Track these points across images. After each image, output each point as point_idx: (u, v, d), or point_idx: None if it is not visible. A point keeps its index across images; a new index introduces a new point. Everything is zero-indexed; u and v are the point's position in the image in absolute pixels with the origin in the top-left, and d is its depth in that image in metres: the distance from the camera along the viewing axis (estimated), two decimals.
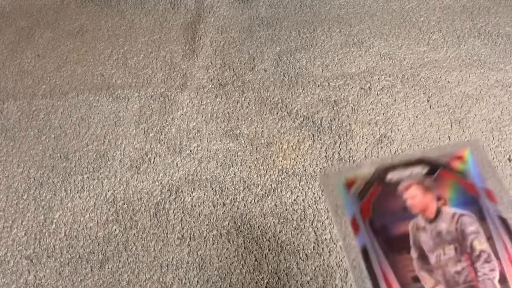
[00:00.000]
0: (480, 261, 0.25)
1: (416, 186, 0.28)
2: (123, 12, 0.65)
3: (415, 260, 0.25)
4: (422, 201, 0.27)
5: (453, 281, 0.24)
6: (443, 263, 0.25)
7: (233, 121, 0.50)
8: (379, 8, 0.64)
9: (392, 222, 0.27)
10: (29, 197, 0.47)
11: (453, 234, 0.26)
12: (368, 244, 0.26)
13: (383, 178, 0.28)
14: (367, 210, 0.28)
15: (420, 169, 0.28)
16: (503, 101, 0.53)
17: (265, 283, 0.40)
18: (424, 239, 0.26)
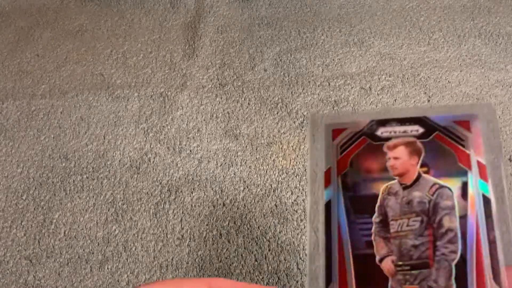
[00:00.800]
0: (443, 239, 0.23)
1: (403, 147, 0.26)
2: (122, 12, 0.65)
3: (375, 225, 0.24)
4: (404, 165, 0.25)
5: (406, 255, 0.23)
6: (402, 234, 0.24)
7: (233, 121, 0.50)
8: (379, 7, 0.64)
9: (365, 181, 0.26)
10: (29, 197, 0.47)
11: (425, 205, 0.24)
12: (334, 199, 0.25)
13: (374, 131, 0.27)
14: (344, 163, 0.26)
15: (416, 128, 0.26)
16: (504, 101, 0.52)
17: (265, 284, 0.40)
18: (391, 205, 0.25)
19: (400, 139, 0.26)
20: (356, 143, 0.26)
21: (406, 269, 0.23)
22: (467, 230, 0.23)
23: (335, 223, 0.25)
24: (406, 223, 0.24)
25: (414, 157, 0.25)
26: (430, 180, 0.25)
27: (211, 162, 0.48)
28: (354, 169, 0.26)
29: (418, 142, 0.26)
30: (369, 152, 0.26)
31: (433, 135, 0.26)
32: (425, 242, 0.23)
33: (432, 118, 0.26)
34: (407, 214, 0.24)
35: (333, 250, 0.24)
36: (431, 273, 0.23)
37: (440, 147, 0.26)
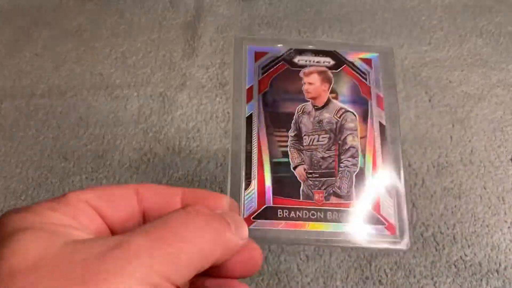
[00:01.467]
0: (347, 154, 0.27)
1: (317, 74, 0.30)
2: (122, 11, 0.64)
3: (290, 138, 0.28)
4: (317, 89, 0.29)
5: (316, 165, 0.27)
6: (313, 147, 0.28)
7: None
8: (380, 7, 0.64)
9: (284, 100, 0.29)
10: (27, 197, 0.46)
11: (333, 125, 0.28)
12: (255, 113, 0.29)
13: (292, 58, 0.30)
14: (265, 84, 0.30)
15: (328, 60, 0.30)
16: (506, 100, 0.52)
17: (265, 284, 0.40)
18: (305, 122, 0.28)
19: (314, 68, 0.30)
20: (276, 67, 0.30)
21: (315, 176, 0.27)
22: (366, 148, 0.28)
23: (256, 134, 0.28)
24: (317, 139, 0.28)
25: (326, 84, 0.29)
26: (338, 104, 0.29)
27: (211, 163, 0.48)
28: (274, 89, 0.29)
29: (329, 72, 0.30)
30: (287, 76, 0.30)
31: (342, 67, 0.30)
32: (332, 155, 0.28)
33: (341, 53, 0.31)
34: (318, 131, 0.28)
35: (253, 157, 0.27)
36: (335, 181, 0.27)
37: (346, 78, 0.30)
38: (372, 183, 0.27)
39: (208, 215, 0.20)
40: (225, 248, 0.20)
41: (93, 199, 0.21)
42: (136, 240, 0.17)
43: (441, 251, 0.41)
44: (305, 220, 0.26)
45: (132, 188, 0.23)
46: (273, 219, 0.26)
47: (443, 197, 0.44)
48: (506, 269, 0.40)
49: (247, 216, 0.26)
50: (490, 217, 0.43)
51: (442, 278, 0.39)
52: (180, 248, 0.18)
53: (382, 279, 0.40)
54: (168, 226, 0.19)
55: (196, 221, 0.19)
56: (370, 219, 0.26)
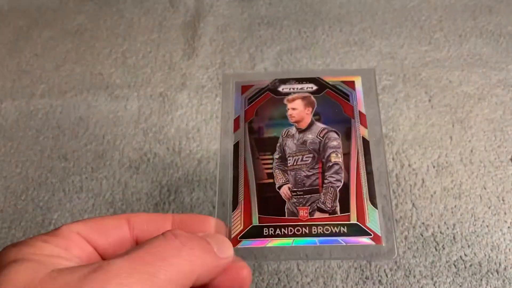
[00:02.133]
0: (330, 171, 0.28)
1: (300, 100, 0.31)
2: (122, 11, 0.64)
3: (275, 160, 0.29)
4: (300, 114, 0.31)
5: (300, 183, 0.28)
6: (297, 167, 0.29)
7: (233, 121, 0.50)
8: (380, 7, 0.64)
9: (268, 126, 0.31)
10: (27, 197, 0.46)
11: (316, 145, 0.29)
12: (242, 140, 0.30)
13: (276, 87, 0.32)
14: (251, 113, 0.32)
15: (311, 86, 0.32)
16: (505, 100, 0.52)
17: (265, 285, 0.40)
18: (289, 144, 0.30)
19: (298, 94, 0.32)
20: (261, 97, 0.32)
21: (300, 194, 0.28)
22: (350, 163, 0.29)
23: (242, 160, 0.29)
24: (301, 159, 0.29)
25: (309, 108, 0.31)
26: (321, 125, 0.30)
27: (211, 162, 0.48)
28: (259, 117, 0.31)
29: (312, 97, 0.32)
30: (272, 104, 0.32)
31: (324, 91, 0.32)
32: (316, 173, 0.29)
33: (324, 78, 0.33)
34: (302, 151, 0.29)
35: (240, 181, 0.29)
36: (320, 197, 0.28)
37: (329, 100, 0.32)
38: (356, 196, 0.28)
39: (186, 237, 0.21)
40: (206, 267, 0.21)
41: (85, 230, 0.22)
42: (115, 263, 0.19)
43: (441, 251, 0.41)
44: (290, 236, 0.27)
45: (123, 217, 0.24)
46: (259, 237, 0.27)
47: (443, 197, 0.44)
48: (506, 269, 0.40)
49: (234, 236, 0.27)
50: (490, 217, 0.43)
51: (442, 278, 0.39)
52: (158, 267, 0.19)
53: (382, 279, 0.40)
54: (147, 249, 0.20)
55: (174, 243, 0.20)
56: (355, 232, 0.27)
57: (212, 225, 0.26)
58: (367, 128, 0.30)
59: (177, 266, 0.19)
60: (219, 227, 0.26)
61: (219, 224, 0.26)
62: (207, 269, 0.21)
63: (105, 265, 0.18)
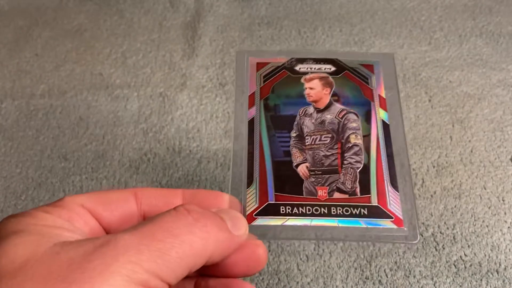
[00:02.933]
0: (350, 152, 0.28)
1: (318, 80, 0.31)
2: (122, 11, 0.64)
3: (292, 139, 0.29)
4: (318, 94, 0.30)
5: (319, 163, 0.28)
6: (316, 146, 0.28)
7: (233, 121, 0.50)
8: (380, 7, 0.64)
9: (285, 104, 0.30)
10: (27, 197, 0.46)
11: (335, 125, 0.29)
12: (257, 117, 0.29)
13: (293, 66, 0.31)
14: (266, 90, 0.31)
15: (329, 67, 0.31)
16: (505, 100, 0.52)
17: (265, 285, 0.40)
18: (307, 123, 0.29)
19: (315, 74, 0.31)
20: (277, 75, 0.31)
21: (318, 173, 0.27)
22: (370, 145, 0.28)
23: (257, 136, 0.29)
24: (319, 138, 0.29)
25: (327, 88, 0.30)
26: (340, 106, 0.30)
27: (211, 163, 0.48)
28: (275, 94, 0.30)
29: (330, 77, 0.31)
30: (289, 82, 0.31)
31: (343, 73, 0.31)
32: (335, 153, 0.28)
33: (343, 60, 0.32)
34: (320, 131, 0.29)
35: (255, 157, 0.28)
36: (339, 177, 0.27)
37: (348, 82, 0.31)
38: (377, 178, 0.27)
39: (199, 212, 0.20)
40: (220, 245, 0.20)
41: (89, 202, 0.21)
42: (124, 238, 0.17)
43: (441, 251, 0.41)
44: (309, 216, 0.26)
45: (130, 191, 0.23)
46: (276, 216, 0.26)
47: (443, 197, 0.44)
48: (506, 269, 0.40)
49: (249, 214, 0.26)
50: (490, 217, 0.43)
51: (442, 278, 0.39)
52: (170, 244, 0.18)
53: (382, 279, 0.40)
54: (158, 224, 0.19)
55: (187, 219, 0.19)
56: (376, 214, 0.26)
57: (226, 201, 0.25)
58: (387, 111, 0.30)
59: (190, 244, 0.18)
60: (233, 204, 0.25)
61: (233, 201, 0.25)
62: (221, 247, 0.20)
63: (112, 239, 0.17)
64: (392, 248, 0.41)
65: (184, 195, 0.24)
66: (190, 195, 0.24)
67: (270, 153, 0.28)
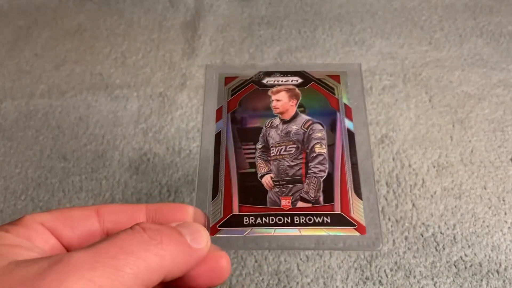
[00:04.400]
0: (314, 161, 0.28)
1: (285, 92, 0.31)
2: (122, 11, 0.64)
3: (257, 150, 0.29)
4: (285, 105, 0.31)
5: (283, 173, 0.28)
6: (281, 157, 0.29)
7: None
8: (380, 7, 0.64)
9: (252, 116, 0.31)
10: (27, 198, 0.46)
11: (300, 136, 0.29)
12: (223, 130, 0.30)
13: (261, 80, 0.32)
14: (234, 103, 0.31)
15: (296, 79, 0.32)
16: (506, 100, 0.52)
17: (265, 285, 0.40)
18: (272, 135, 0.30)
19: (282, 86, 0.32)
20: (245, 88, 0.32)
21: (282, 184, 0.28)
22: (334, 154, 0.29)
23: (224, 149, 0.29)
24: (284, 149, 0.29)
25: (293, 100, 0.31)
26: (305, 117, 0.30)
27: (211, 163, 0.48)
28: (242, 107, 0.31)
29: (297, 89, 0.32)
30: (256, 95, 0.32)
31: (310, 84, 0.32)
32: (299, 163, 0.28)
33: (309, 72, 0.32)
34: (285, 142, 0.29)
35: (221, 170, 0.29)
36: (303, 187, 0.27)
37: (314, 93, 0.31)
38: (340, 187, 0.27)
39: (155, 230, 0.20)
40: (178, 260, 0.20)
41: (49, 220, 0.21)
42: (78, 255, 0.17)
43: (441, 252, 0.41)
44: (272, 226, 0.26)
45: (92, 209, 0.23)
46: (239, 226, 0.26)
47: (443, 197, 0.44)
48: (507, 269, 0.40)
49: (213, 225, 0.26)
50: (491, 217, 0.43)
51: (442, 279, 0.39)
52: (124, 261, 0.18)
53: (382, 279, 0.40)
54: (113, 242, 0.19)
55: (142, 237, 0.19)
56: (339, 222, 0.26)
57: (190, 214, 0.25)
58: (352, 120, 0.30)
59: (145, 261, 0.18)
60: (197, 216, 0.25)
61: (197, 213, 0.26)
62: (180, 262, 0.20)
63: (66, 257, 0.17)
64: (392, 249, 0.41)
65: (148, 210, 0.24)
66: (153, 209, 0.24)
67: (236, 165, 0.29)
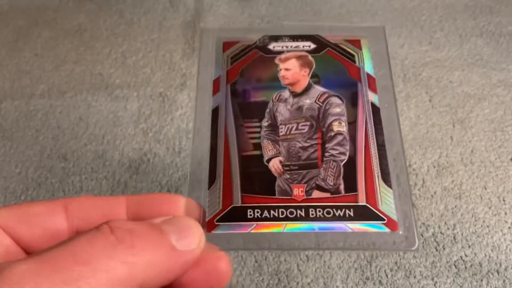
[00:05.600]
0: (332, 142, 0.24)
1: (294, 60, 0.27)
2: (122, 11, 0.64)
3: (263, 129, 0.25)
4: (295, 75, 0.26)
5: (295, 156, 0.24)
6: (291, 137, 0.24)
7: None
8: (380, 6, 0.64)
9: (256, 88, 0.26)
10: (27, 198, 0.46)
11: (315, 111, 0.25)
12: (222, 105, 0.25)
13: (266, 45, 0.27)
14: (234, 73, 0.26)
15: (308, 44, 0.27)
16: (506, 100, 0.52)
17: (265, 285, 0.40)
18: (281, 111, 0.25)
19: (292, 53, 0.27)
20: (248, 55, 0.27)
21: (294, 169, 0.23)
22: (356, 134, 0.24)
23: (222, 128, 0.24)
24: (295, 127, 0.24)
25: (305, 69, 0.26)
26: (320, 89, 0.26)
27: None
28: (244, 78, 0.26)
29: (310, 56, 0.27)
30: (260, 63, 0.27)
31: (325, 50, 0.27)
32: (314, 144, 0.24)
33: (324, 36, 0.27)
34: (297, 119, 0.25)
35: (219, 152, 0.24)
36: (319, 173, 0.23)
37: (330, 60, 0.26)
38: (365, 173, 0.23)
39: (126, 230, 0.16)
40: (157, 267, 0.16)
41: (4, 218, 0.18)
42: (20, 267, 0.14)
43: (442, 252, 0.41)
44: (282, 220, 0.22)
45: (59, 202, 0.20)
46: (242, 221, 0.22)
47: (444, 197, 0.44)
48: (507, 269, 0.40)
49: (210, 219, 0.22)
50: (491, 217, 0.43)
51: (443, 279, 0.39)
52: (78, 273, 0.14)
53: (382, 279, 0.40)
54: (68, 248, 0.15)
55: (107, 240, 0.16)
56: (364, 215, 0.22)
57: (181, 206, 0.21)
58: (377, 93, 0.25)
59: (107, 272, 0.15)
60: (191, 208, 0.21)
61: (191, 204, 0.21)
62: (159, 270, 0.16)
63: (6, 269, 0.14)
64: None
65: (129, 203, 0.20)
66: (136, 202, 0.20)
67: (237, 146, 0.24)
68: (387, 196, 0.22)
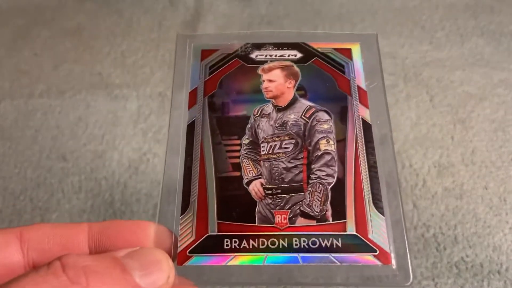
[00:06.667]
0: (319, 162, 0.22)
1: (279, 70, 0.24)
2: (121, 11, 0.64)
3: (244, 146, 0.22)
4: (279, 87, 0.24)
5: (278, 177, 0.21)
6: (274, 156, 0.22)
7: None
8: (381, 6, 0.63)
9: (236, 102, 0.24)
10: (26, 198, 0.46)
11: (300, 128, 0.23)
12: (198, 120, 0.23)
13: (248, 54, 0.25)
14: (212, 84, 0.24)
15: (294, 53, 0.25)
16: (507, 100, 0.52)
17: (265, 285, 0.40)
18: (263, 126, 0.23)
19: (276, 63, 0.24)
20: (228, 65, 0.25)
21: (276, 193, 0.21)
22: (345, 153, 0.21)
23: (198, 145, 0.22)
24: (279, 145, 0.22)
25: (291, 80, 0.24)
26: (307, 103, 0.23)
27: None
28: (223, 90, 0.24)
29: (295, 66, 0.24)
30: (242, 74, 0.24)
31: (312, 60, 0.24)
32: (299, 165, 0.21)
33: (311, 44, 0.25)
34: (280, 136, 0.22)
35: (194, 173, 0.21)
36: (304, 197, 0.20)
37: (318, 71, 0.24)
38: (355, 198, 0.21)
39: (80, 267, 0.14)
40: None
41: None
42: None
43: (442, 252, 0.41)
44: (262, 252, 0.20)
45: (13, 233, 0.18)
46: (218, 252, 0.20)
47: (444, 197, 0.44)
48: (508, 270, 0.39)
49: (182, 250, 0.19)
50: (492, 217, 0.43)
51: (443, 279, 0.39)
52: None
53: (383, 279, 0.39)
54: None
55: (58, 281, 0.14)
56: (354, 246, 0.20)
57: (150, 234, 0.18)
58: (368, 108, 0.23)
59: None
60: (162, 237, 0.19)
61: (162, 233, 0.19)
62: None
63: None
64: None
65: (91, 232, 0.18)
66: (99, 229, 0.18)
67: (214, 166, 0.22)
68: (379, 224, 0.20)
